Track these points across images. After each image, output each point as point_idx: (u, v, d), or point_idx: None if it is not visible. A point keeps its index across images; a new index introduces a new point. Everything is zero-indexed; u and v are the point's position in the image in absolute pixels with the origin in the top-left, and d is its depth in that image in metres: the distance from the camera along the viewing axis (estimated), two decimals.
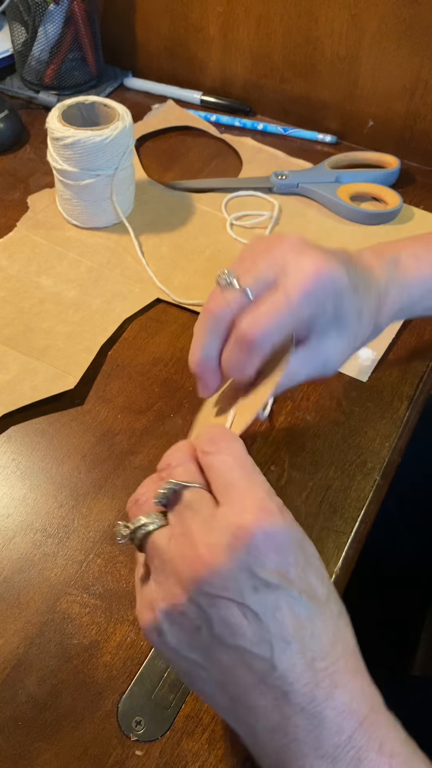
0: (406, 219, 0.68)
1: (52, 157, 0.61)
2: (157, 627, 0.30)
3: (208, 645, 0.29)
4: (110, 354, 0.55)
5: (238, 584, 0.29)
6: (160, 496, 0.32)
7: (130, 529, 0.32)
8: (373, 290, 0.42)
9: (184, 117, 0.79)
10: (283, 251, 0.38)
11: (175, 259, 0.62)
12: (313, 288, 0.37)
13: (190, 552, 0.29)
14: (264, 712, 0.29)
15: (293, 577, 0.30)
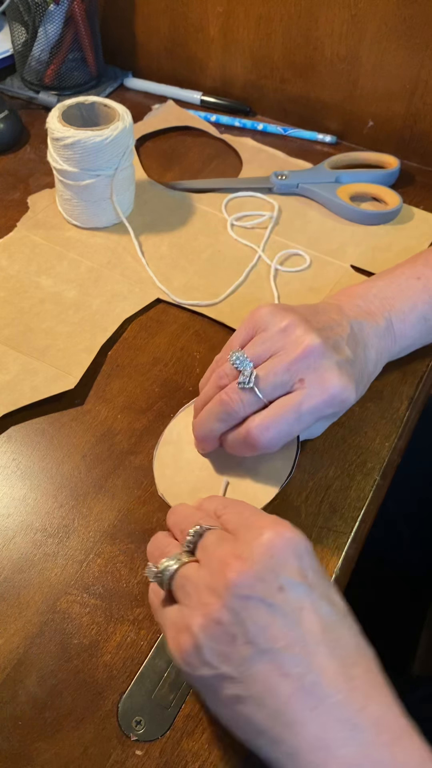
0: (406, 219, 0.68)
1: (52, 158, 0.61)
2: (195, 644, 0.32)
3: (244, 656, 0.31)
4: (110, 354, 0.55)
5: (265, 584, 0.31)
6: (188, 540, 0.35)
7: (158, 569, 0.35)
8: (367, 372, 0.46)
9: (184, 117, 0.79)
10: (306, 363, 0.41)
11: (175, 260, 0.62)
12: (324, 408, 0.41)
13: (220, 566, 0.32)
14: (303, 726, 0.30)
15: (312, 581, 0.32)
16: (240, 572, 0.31)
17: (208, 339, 0.56)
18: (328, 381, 0.41)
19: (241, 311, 0.58)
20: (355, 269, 0.63)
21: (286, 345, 0.42)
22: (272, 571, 0.32)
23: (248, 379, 0.42)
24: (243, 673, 0.31)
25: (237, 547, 0.33)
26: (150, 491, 0.47)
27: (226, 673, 0.31)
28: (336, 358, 0.42)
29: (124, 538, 0.44)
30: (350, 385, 0.42)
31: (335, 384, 0.41)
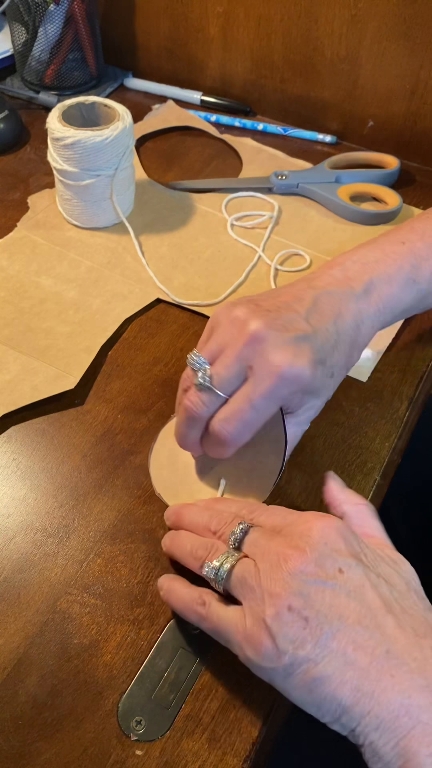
0: (406, 219, 0.67)
1: (53, 158, 0.61)
2: (271, 635, 0.32)
3: (318, 637, 0.32)
4: (110, 354, 0.55)
5: (325, 568, 0.33)
6: (235, 536, 0.36)
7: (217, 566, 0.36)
8: (342, 346, 0.44)
9: (183, 117, 0.79)
10: (252, 347, 0.40)
11: (175, 260, 0.62)
12: (276, 391, 0.40)
13: (278, 558, 0.34)
14: (386, 695, 0.31)
15: (367, 562, 0.35)
16: (301, 560, 0.33)
17: None
18: (274, 361, 0.40)
19: None
20: None
21: (233, 336, 0.41)
22: (329, 556, 0.33)
23: (204, 378, 0.41)
24: (320, 654, 0.32)
25: (290, 540, 0.34)
26: (150, 491, 0.47)
27: (303, 656, 0.32)
28: (284, 336, 0.41)
29: (124, 538, 0.44)
30: (300, 360, 0.40)
31: (280, 362, 0.40)
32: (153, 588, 0.42)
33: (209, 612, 0.36)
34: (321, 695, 0.32)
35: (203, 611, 0.36)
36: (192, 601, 0.37)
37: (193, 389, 0.42)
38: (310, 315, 0.43)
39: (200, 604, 0.37)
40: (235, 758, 0.36)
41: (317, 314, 0.43)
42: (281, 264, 0.63)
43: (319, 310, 0.43)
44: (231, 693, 0.38)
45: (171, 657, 0.39)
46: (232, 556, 0.36)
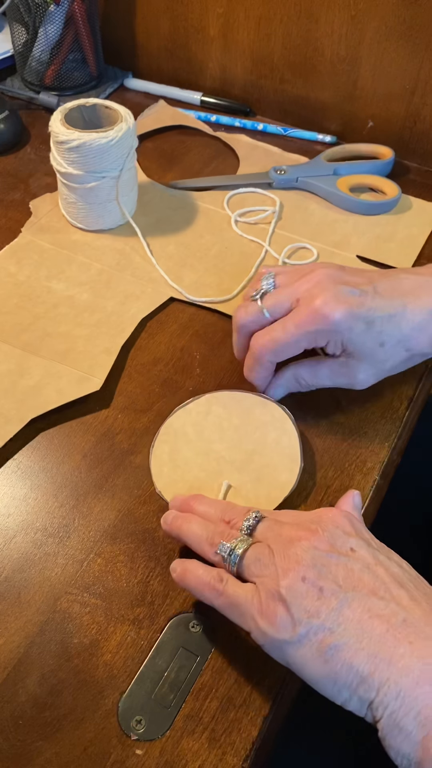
0: (405, 208, 0.69)
1: (56, 161, 0.61)
2: (285, 605, 0.33)
3: (333, 606, 0.32)
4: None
5: (338, 546, 0.35)
6: (249, 523, 0.38)
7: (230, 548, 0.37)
8: (403, 322, 0.45)
9: (177, 116, 0.79)
10: (304, 284, 0.45)
11: (183, 258, 0.62)
12: (308, 326, 0.44)
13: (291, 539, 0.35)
14: (405, 662, 0.30)
15: (376, 545, 0.36)
16: (314, 538, 0.35)
17: (208, 339, 0.56)
18: (315, 298, 0.44)
19: None
20: (360, 259, 0.63)
21: (302, 274, 0.46)
22: (340, 537, 0.35)
23: (257, 293, 0.47)
24: (335, 621, 0.32)
25: (301, 524, 0.36)
26: (150, 491, 0.47)
27: (318, 625, 0.32)
28: (338, 285, 0.44)
29: (124, 538, 0.44)
30: (337, 305, 0.43)
31: (318, 301, 0.44)
32: (153, 587, 0.42)
33: (226, 587, 0.36)
34: (337, 665, 0.32)
35: (221, 587, 0.36)
36: (210, 578, 0.37)
37: (247, 301, 0.48)
38: (382, 284, 0.46)
39: (218, 580, 0.37)
40: (235, 758, 0.36)
41: (391, 287, 0.46)
42: (288, 257, 0.63)
43: (397, 285, 0.46)
44: (231, 693, 0.38)
45: (171, 657, 0.39)
46: (246, 540, 0.37)
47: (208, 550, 0.39)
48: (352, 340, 0.44)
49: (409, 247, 0.65)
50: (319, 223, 0.67)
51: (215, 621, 0.40)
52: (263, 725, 0.37)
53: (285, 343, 0.45)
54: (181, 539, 0.41)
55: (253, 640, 0.38)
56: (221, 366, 0.54)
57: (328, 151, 0.73)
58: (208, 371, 0.54)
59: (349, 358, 0.46)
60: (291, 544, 0.35)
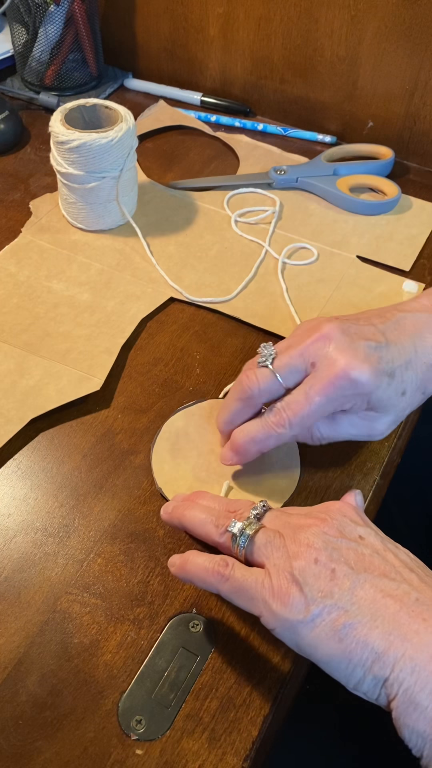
0: (405, 209, 0.69)
1: (56, 161, 0.61)
2: (298, 584, 0.33)
3: (346, 586, 0.33)
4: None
5: (347, 533, 0.35)
6: (257, 511, 0.38)
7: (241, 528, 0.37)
8: (418, 365, 0.44)
9: (176, 116, 0.79)
10: (318, 345, 0.42)
11: (183, 258, 0.63)
12: (333, 389, 0.41)
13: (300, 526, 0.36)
14: (419, 635, 0.31)
15: (383, 535, 0.36)
16: (324, 524, 0.35)
17: (208, 339, 0.57)
18: (336, 361, 0.41)
19: (254, 306, 0.59)
20: (360, 259, 0.63)
21: (306, 334, 0.43)
22: (349, 525, 0.36)
23: (266, 358, 0.43)
24: (349, 600, 0.32)
25: (310, 514, 0.37)
26: (150, 491, 0.47)
27: (332, 604, 0.32)
28: (354, 341, 0.41)
29: (124, 538, 0.44)
30: (362, 365, 0.40)
31: (342, 363, 0.40)
32: (153, 587, 0.42)
33: (232, 572, 0.36)
34: (351, 643, 0.32)
35: (226, 572, 0.36)
36: (214, 564, 0.36)
37: (253, 368, 0.43)
38: (388, 330, 0.44)
39: (223, 565, 0.36)
40: (235, 758, 0.36)
41: (396, 330, 0.44)
42: (288, 258, 0.63)
43: (400, 328, 0.44)
44: (231, 693, 0.38)
45: (171, 656, 0.39)
46: (256, 523, 0.37)
47: (213, 531, 0.38)
48: (379, 396, 0.42)
49: (409, 247, 0.65)
50: (319, 224, 0.67)
51: (215, 621, 0.40)
52: (263, 725, 0.37)
53: (309, 415, 0.41)
54: (183, 526, 0.40)
55: (252, 640, 0.38)
56: (221, 366, 0.54)
57: (328, 151, 0.73)
58: (208, 371, 0.54)
59: (370, 411, 0.44)
60: (301, 530, 0.35)
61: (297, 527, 0.36)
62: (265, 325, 0.57)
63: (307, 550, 0.34)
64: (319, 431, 0.45)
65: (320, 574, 0.33)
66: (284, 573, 0.34)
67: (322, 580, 0.33)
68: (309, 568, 0.33)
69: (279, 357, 0.43)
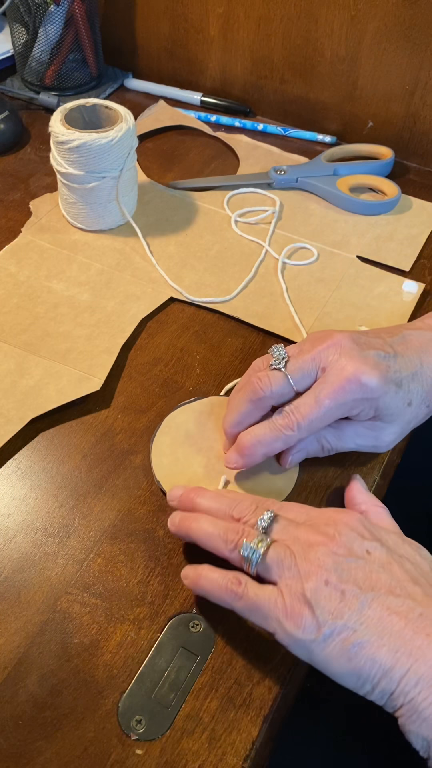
0: (405, 209, 0.69)
1: (56, 161, 0.61)
2: (310, 607, 0.34)
3: (355, 607, 0.34)
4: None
5: (355, 549, 0.36)
6: (264, 522, 0.38)
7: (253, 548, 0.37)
8: (424, 379, 0.45)
9: (176, 116, 0.79)
10: (330, 352, 0.43)
11: (183, 258, 0.63)
12: (342, 394, 0.42)
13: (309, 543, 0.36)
14: (422, 652, 0.33)
15: (389, 544, 0.37)
16: (332, 543, 0.36)
17: (208, 339, 0.57)
18: (346, 366, 0.42)
19: (254, 306, 0.59)
20: (360, 259, 0.63)
21: (318, 341, 0.44)
22: (356, 540, 0.37)
23: (279, 361, 0.44)
24: (358, 620, 0.34)
25: (317, 528, 0.37)
26: (150, 491, 0.47)
27: (342, 625, 0.34)
28: (363, 350, 0.43)
29: (124, 538, 0.44)
30: (371, 371, 0.42)
31: (351, 368, 0.42)
32: (153, 587, 0.42)
33: (246, 591, 0.37)
34: (360, 661, 0.33)
35: (240, 590, 0.37)
36: (227, 581, 0.37)
37: (265, 370, 0.44)
38: (396, 343, 0.45)
39: (236, 583, 0.37)
40: (235, 758, 0.36)
41: (403, 344, 0.45)
42: (288, 258, 0.63)
43: (406, 342, 0.45)
44: (231, 693, 0.38)
45: (171, 656, 0.39)
46: (265, 540, 0.37)
47: (222, 546, 0.39)
48: (386, 404, 0.43)
49: (409, 247, 0.65)
50: (319, 224, 0.67)
51: (215, 621, 0.40)
52: (263, 725, 0.37)
53: (318, 418, 0.42)
54: (192, 539, 0.41)
55: (252, 640, 0.38)
56: (221, 366, 0.54)
57: (328, 151, 0.73)
58: (208, 371, 0.54)
59: (377, 420, 0.45)
60: (311, 548, 0.36)
61: (307, 545, 0.36)
62: (265, 325, 0.57)
63: (318, 571, 0.35)
64: (326, 441, 0.46)
65: (331, 596, 0.34)
66: (296, 594, 0.35)
67: (333, 601, 0.34)
68: (320, 590, 0.35)
69: (292, 361, 0.44)
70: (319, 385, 0.43)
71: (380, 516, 0.42)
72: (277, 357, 0.44)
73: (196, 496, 0.42)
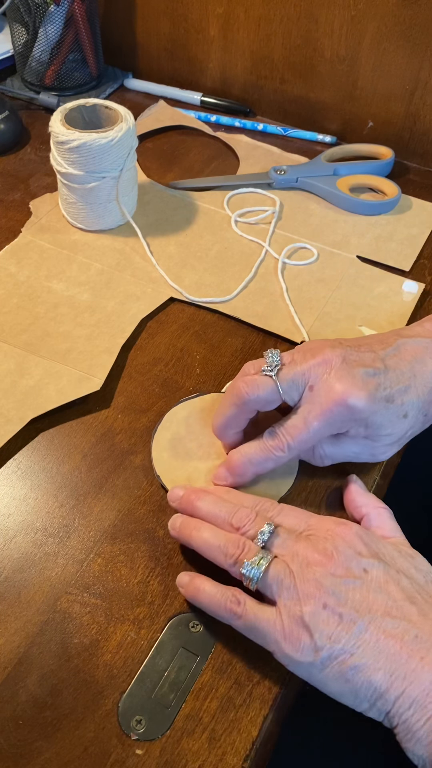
0: (405, 208, 0.69)
1: (56, 161, 0.61)
2: (309, 632, 0.35)
3: (352, 631, 0.34)
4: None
5: (352, 570, 0.36)
6: (263, 536, 0.38)
7: (253, 566, 0.37)
8: (419, 389, 0.44)
9: (176, 116, 0.79)
10: (319, 370, 0.43)
11: (183, 258, 0.63)
12: (330, 415, 0.42)
13: (309, 562, 0.37)
14: (416, 675, 0.34)
15: (387, 560, 0.37)
16: (330, 564, 0.36)
17: (208, 339, 0.57)
18: (334, 387, 0.42)
19: (254, 306, 0.59)
20: (360, 259, 0.63)
21: (309, 354, 0.44)
22: (354, 558, 0.37)
23: (271, 368, 0.43)
24: (355, 644, 0.34)
25: (316, 544, 0.37)
26: (150, 491, 0.47)
27: (339, 649, 0.34)
28: (353, 368, 0.42)
29: (124, 538, 0.44)
30: (359, 392, 0.41)
31: (339, 390, 0.42)
32: (153, 587, 0.42)
33: (245, 611, 0.37)
34: (357, 683, 0.34)
35: (239, 610, 0.37)
36: (225, 599, 0.38)
37: (254, 375, 0.44)
38: (388, 356, 0.44)
39: (235, 603, 0.38)
40: (235, 758, 0.36)
41: (396, 356, 0.44)
42: (288, 258, 0.63)
43: (400, 354, 0.45)
44: (231, 693, 0.38)
45: (171, 656, 0.39)
46: (266, 557, 0.37)
47: (222, 559, 0.39)
48: (377, 421, 0.43)
49: (409, 247, 0.65)
50: (319, 224, 0.67)
51: (215, 621, 0.40)
52: (263, 725, 0.37)
53: (307, 440, 0.43)
54: (191, 546, 0.41)
55: (252, 640, 0.38)
56: (221, 366, 0.54)
57: (328, 151, 0.73)
58: (208, 371, 0.54)
59: (371, 434, 0.44)
60: (310, 568, 0.36)
61: (305, 563, 0.37)
62: (265, 325, 0.57)
63: (317, 594, 0.35)
64: (323, 451, 0.45)
65: (329, 620, 0.35)
66: (295, 617, 0.35)
67: (331, 625, 0.35)
68: (318, 614, 0.35)
69: (283, 370, 0.43)
70: (307, 406, 0.42)
71: (382, 518, 0.42)
72: (270, 363, 0.44)
73: (197, 499, 0.42)
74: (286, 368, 0.43)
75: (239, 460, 0.44)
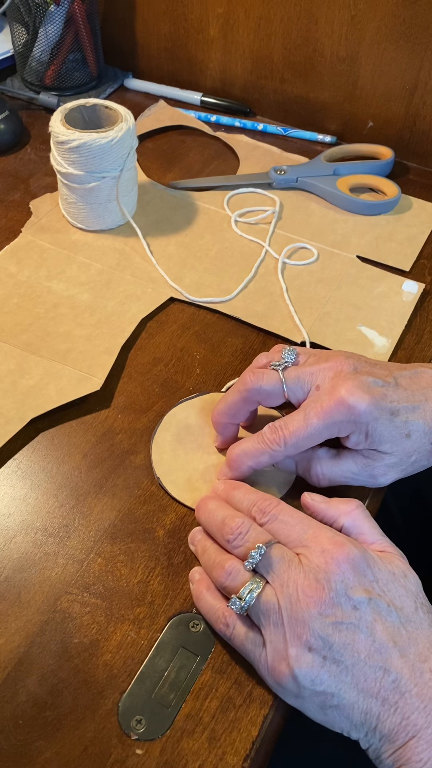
0: (405, 208, 0.69)
1: (56, 161, 0.61)
2: (292, 673, 0.35)
3: (334, 674, 0.35)
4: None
5: (342, 608, 0.36)
6: (253, 559, 0.37)
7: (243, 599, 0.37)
8: (427, 414, 0.43)
9: (176, 116, 0.79)
10: (328, 373, 0.43)
11: (183, 258, 0.63)
12: (330, 413, 0.42)
13: (297, 597, 0.36)
14: (389, 716, 0.35)
15: (378, 591, 0.37)
16: (320, 602, 0.35)
17: (208, 339, 0.57)
18: (338, 388, 0.42)
19: (254, 306, 0.59)
20: (360, 259, 0.63)
21: (324, 360, 0.44)
22: (345, 595, 0.36)
23: (281, 364, 0.44)
24: (335, 686, 0.35)
25: (308, 573, 0.36)
26: (150, 491, 0.47)
27: (321, 691, 0.35)
28: (360, 375, 0.43)
29: (124, 538, 0.44)
30: (362, 394, 0.41)
31: (342, 390, 0.42)
32: (153, 587, 0.42)
33: (233, 634, 0.38)
34: (334, 717, 0.36)
35: (227, 632, 0.38)
36: (216, 619, 0.39)
37: (264, 368, 0.45)
38: (403, 377, 0.44)
39: (224, 624, 0.38)
40: (235, 757, 0.36)
41: (411, 379, 0.44)
42: (288, 258, 0.63)
43: (416, 379, 0.44)
44: (231, 693, 0.38)
45: (171, 656, 0.39)
46: (254, 587, 0.37)
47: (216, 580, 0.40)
48: (378, 431, 0.42)
49: (409, 247, 0.65)
50: (319, 224, 0.67)
51: None
52: (263, 725, 0.37)
53: (305, 436, 0.42)
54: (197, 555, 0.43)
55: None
56: (221, 366, 0.54)
57: (328, 151, 0.73)
58: (208, 371, 0.54)
59: (373, 449, 0.44)
60: (299, 605, 0.36)
61: (295, 599, 0.36)
62: (265, 325, 0.57)
63: (303, 636, 0.35)
64: (320, 468, 0.45)
65: (313, 662, 0.35)
66: (280, 655, 0.36)
67: (315, 667, 0.35)
68: (303, 656, 0.35)
69: (292, 368, 0.44)
70: (309, 404, 0.43)
71: (359, 524, 0.40)
72: (283, 359, 0.45)
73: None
74: (296, 368, 0.44)
75: (236, 454, 0.44)
